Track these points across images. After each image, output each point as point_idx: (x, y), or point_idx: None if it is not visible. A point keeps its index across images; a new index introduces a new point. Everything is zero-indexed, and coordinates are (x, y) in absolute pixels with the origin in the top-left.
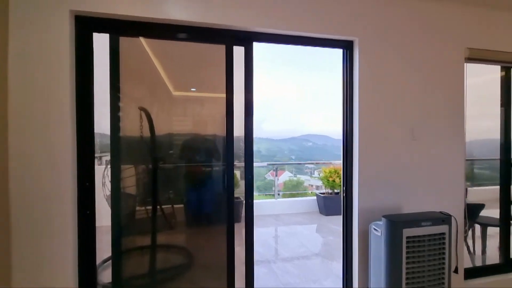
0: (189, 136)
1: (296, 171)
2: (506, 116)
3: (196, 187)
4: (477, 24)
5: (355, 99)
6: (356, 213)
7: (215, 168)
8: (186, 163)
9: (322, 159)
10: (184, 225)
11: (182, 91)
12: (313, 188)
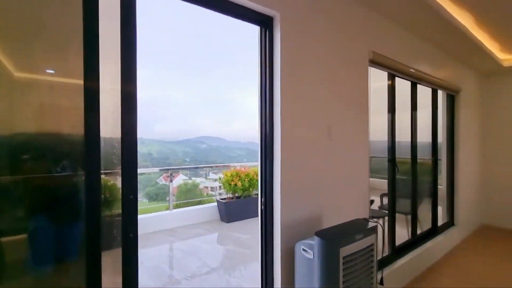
0: (35, 136)
1: (191, 174)
2: (392, 121)
3: (45, 208)
4: (378, 30)
5: (276, 93)
6: (278, 229)
7: (74, 179)
8: (27, 174)
9: (217, 160)
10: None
11: (31, 72)
12: (208, 190)
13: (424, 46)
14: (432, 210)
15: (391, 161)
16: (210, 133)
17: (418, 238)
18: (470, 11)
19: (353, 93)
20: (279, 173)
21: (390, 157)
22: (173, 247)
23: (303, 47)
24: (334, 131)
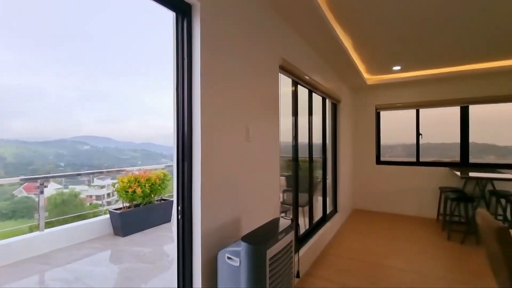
0: None
1: (68, 182)
2: (295, 123)
3: None
4: (287, 40)
5: (196, 90)
6: (198, 239)
7: None
8: None
9: (105, 164)
10: None
11: None
12: (93, 199)
13: (318, 60)
14: (322, 201)
15: (294, 160)
16: (94, 132)
17: (313, 226)
18: (350, 36)
19: (266, 96)
20: (199, 177)
21: (293, 156)
22: (45, 278)
23: (222, 44)
24: (251, 132)
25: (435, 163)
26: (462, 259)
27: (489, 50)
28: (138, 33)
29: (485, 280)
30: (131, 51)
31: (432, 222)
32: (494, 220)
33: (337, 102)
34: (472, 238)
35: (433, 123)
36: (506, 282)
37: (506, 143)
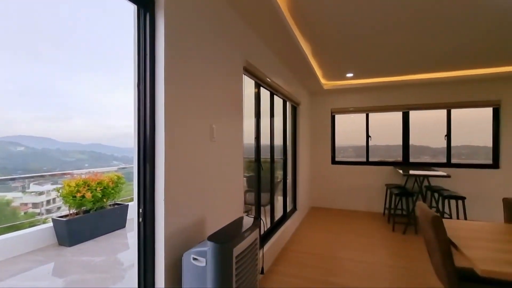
0: None
1: None
2: (258, 125)
3: None
4: (251, 42)
5: (160, 89)
6: (161, 242)
7: None
8: None
9: (44, 167)
10: None
11: None
12: (28, 207)
13: (280, 64)
14: (283, 200)
15: (256, 161)
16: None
17: (275, 224)
18: (310, 43)
19: (230, 96)
20: (162, 178)
21: (256, 157)
22: None
23: (187, 42)
24: (215, 132)
25: (382, 163)
26: (404, 247)
27: (424, 64)
28: (92, 25)
29: (423, 263)
30: (82, 44)
31: (380, 216)
32: (430, 211)
33: (297, 105)
34: (412, 228)
35: (380, 127)
36: (439, 261)
37: (437, 144)
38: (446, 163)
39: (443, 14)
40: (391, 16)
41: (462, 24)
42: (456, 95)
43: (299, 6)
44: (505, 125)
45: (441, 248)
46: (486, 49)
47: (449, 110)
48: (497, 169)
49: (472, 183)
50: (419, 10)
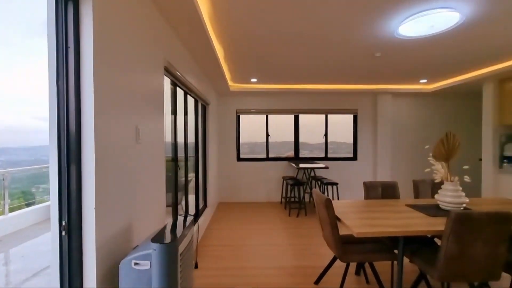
0: None
1: None
2: (174, 123)
3: None
4: (170, 41)
5: (86, 83)
6: (91, 255)
7: None
8: None
9: None
10: None
11: None
12: None
13: (194, 65)
14: (195, 197)
15: (173, 160)
16: None
17: None
18: (223, 47)
19: (153, 97)
20: (92, 182)
21: (173, 156)
22: None
23: (115, 37)
24: (141, 133)
25: (279, 158)
26: (298, 228)
27: (310, 77)
28: None
29: (315, 238)
30: None
31: (278, 205)
32: (323, 195)
33: (207, 104)
34: (303, 212)
35: (277, 126)
36: (329, 233)
37: (316, 141)
38: (324, 157)
39: (325, 43)
40: (289, 35)
41: (336, 52)
42: (331, 104)
43: (218, 13)
44: (360, 128)
45: (331, 222)
46: (348, 72)
47: (327, 115)
48: (356, 160)
49: (341, 172)
50: (311, 36)
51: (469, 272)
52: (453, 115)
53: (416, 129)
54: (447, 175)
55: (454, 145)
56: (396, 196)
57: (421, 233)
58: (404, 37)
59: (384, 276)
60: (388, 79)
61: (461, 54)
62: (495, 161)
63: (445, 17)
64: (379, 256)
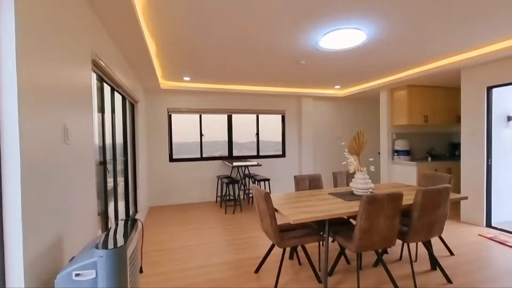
0: None
1: None
2: (102, 121)
3: None
4: (98, 35)
5: (8, 73)
6: (19, 275)
7: None
8: None
9: None
10: None
11: None
12: None
13: (122, 59)
14: (125, 202)
15: (102, 163)
16: None
17: None
18: (155, 42)
19: (80, 90)
20: (18, 190)
21: (102, 159)
22: None
23: (37, 23)
24: (69, 133)
25: (213, 158)
26: (236, 224)
27: (243, 79)
28: None
29: (252, 232)
30: None
31: (213, 204)
32: (262, 190)
33: (135, 102)
34: (238, 209)
35: (211, 126)
36: (268, 223)
37: (247, 140)
38: (256, 155)
39: (256, 49)
40: (223, 38)
41: (266, 58)
42: (262, 104)
43: (153, 6)
44: (287, 127)
45: (270, 213)
46: (277, 76)
47: (258, 115)
48: (284, 157)
49: (272, 169)
50: (243, 41)
51: (376, 241)
52: (360, 116)
53: (333, 128)
54: (358, 166)
55: (363, 141)
56: (320, 186)
57: (342, 215)
58: (324, 49)
59: (313, 256)
60: (310, 84)
61: (366, 66)
62: (389, 154)
63: (354, 36)
64: (309, 239)
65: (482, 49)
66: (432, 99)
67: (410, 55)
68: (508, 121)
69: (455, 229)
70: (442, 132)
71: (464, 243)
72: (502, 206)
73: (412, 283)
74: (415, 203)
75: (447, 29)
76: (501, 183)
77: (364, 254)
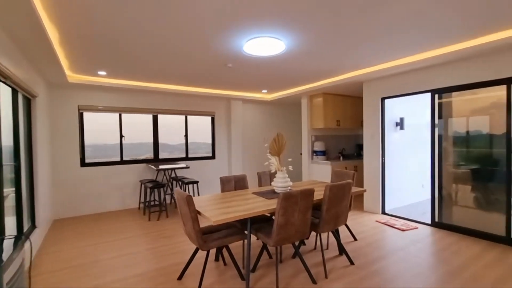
0: None
1: None
2: None
3: None
4: None
5: None
6: None
7: None
8: None
9: None
10: None
11: None
12: None
13: (12, 47)
14: (17, 217)
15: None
16: None
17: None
18: (58, 29)
19: None
20: None
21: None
22: None
23: None
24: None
25: (136, 161)
26: (160, 230)
27: (170, 78)
28: None
29: (176, 238)
30: None
31: (136, 211)
32: (184, 192)
33: (33, 97)
34: (164, 214)
35: (133, 126)
36: (191, 227)
37: (176, 142)
38: (185, 157)
39: (181, 48)
40: (145, 34)
41: (192, 59)
42: (191, 105)
43: None
44: (217, 129)
45: (192, 216)
46: (206, 77)
47: (186, 116)
48: (214, 159)
49: (201, 171)
50: (167, 39)
51: (292, 235)
52: (286, 119)
53: (260, 130)
54: (279, 166)
55: (283, 143)
56: (246, 186)
57: (262, 212)
58: (248, 54)
59: (239, 255)
60: (239, 87)
61: (288, 73)
62: (309, 154)
63: (276, 45)
64: (233, 238)
65: (378, 66)
66: (343, 106)
67: (324, 67)
68: (396, 126)
69: (359, 217)
70: (351, 134)
71: (365, 229)
72: (392, 196)
73: (324, 269)
74: (324, 198)
75: (352, 48)
76: (391, 177)
77: (285, 247)
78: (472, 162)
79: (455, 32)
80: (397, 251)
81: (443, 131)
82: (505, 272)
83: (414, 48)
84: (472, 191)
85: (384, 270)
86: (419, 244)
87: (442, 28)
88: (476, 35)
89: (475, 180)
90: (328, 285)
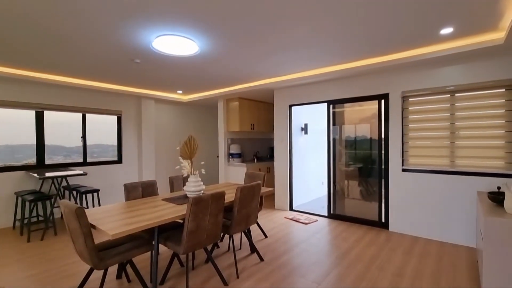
0: None
1: None
2: None
3: None
4: None
5: None
6: None
7: None
8: None
9: None
10: None
11: None
12: None
13: None
14: None
15: None
16: None
17: None
18: None
19: None
20: None
21: None
22: None
23: None
24: None
25: (10, 168)
26: (44, 252)
27: (61, 66)
28: None
29: (67, 258)
30: None
31: (9, 231)
32: (73, 204)
33: None
34: (51, 231)
35: (8, 125)
36: (82, 244)
37: (72, 144)
38: (82, 162)
39: (78, 36)
40: (30, 13)
41: (93, 49)
42: (91, 102)
43: None
44: (125, 130)
45: (83, 232)
46: (110, 71)
47: (85, 114)
48: (121, 163)
49: (104, 177)
50: (61, 22)
51: (203, 239)
52: (202, 122)
53: (175, 133)
54: (191, 170)
55: (194, 146)
56: (156, 193)
57: (170, 220)
58: (159, 52)
59: (146, 269)
60: (151, 85)
61: (204, 75)
62: (226, 157)
63: (188, 45)
64: (137, 251)
65: (286, 76)
66: (257, 110)
67: (238, 73)
68: (301, 131)
69: (270, 215)
70: (265, 138)
71: (275, 226)
72: (299, 194)
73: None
74: (235, 199)
75: (264, 56)
76: (298, 177)
77: (198, 253)
78: (358, 161)
79: (343, 55)
80: (300, 243)
81: (337, 136)
82: (377, 249)
83: (315, 63)
84: (359, 185)
85: (289, 262)
86: (318, 235)
87: (333, 51)
88: (356, 59)
89: (361, 176)
90: (239, 284)
